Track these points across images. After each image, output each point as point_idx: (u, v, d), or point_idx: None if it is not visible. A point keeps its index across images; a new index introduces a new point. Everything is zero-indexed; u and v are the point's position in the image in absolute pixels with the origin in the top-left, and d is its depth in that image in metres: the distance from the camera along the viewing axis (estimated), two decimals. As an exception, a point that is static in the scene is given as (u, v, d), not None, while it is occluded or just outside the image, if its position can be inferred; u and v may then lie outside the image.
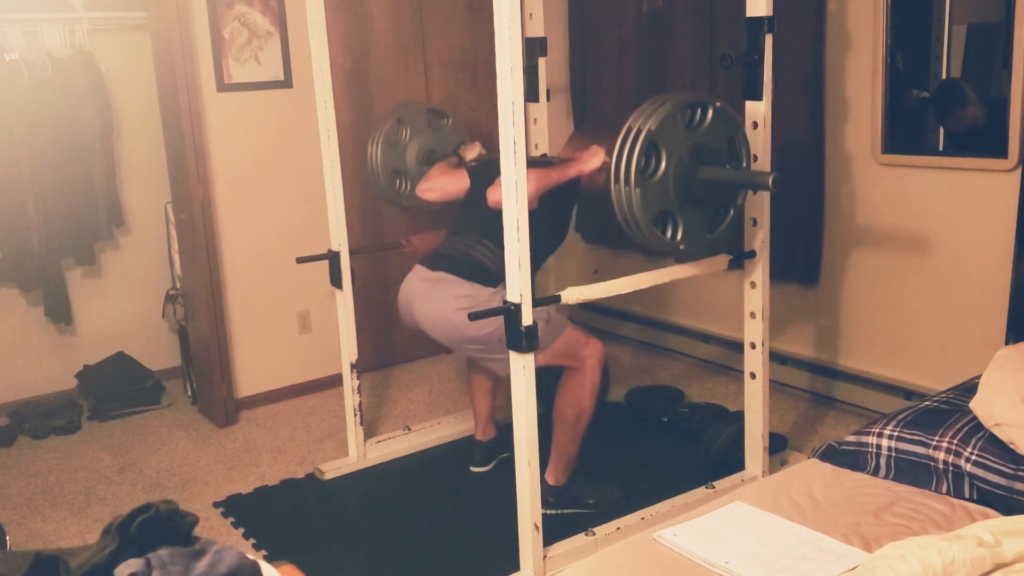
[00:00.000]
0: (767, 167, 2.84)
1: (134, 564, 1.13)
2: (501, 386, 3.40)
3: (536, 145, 3.88)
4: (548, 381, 3.39)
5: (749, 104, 2.81)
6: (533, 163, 2.83)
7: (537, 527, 2.59)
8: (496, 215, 2.44)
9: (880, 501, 2.06)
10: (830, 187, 3.69)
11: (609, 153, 2.60)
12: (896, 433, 2.23)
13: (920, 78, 3.46)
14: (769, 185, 2.52)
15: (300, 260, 3.45)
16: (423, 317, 3.00)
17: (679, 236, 2.59)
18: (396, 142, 3.65)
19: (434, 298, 2.95)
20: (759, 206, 2.88)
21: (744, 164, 2.67)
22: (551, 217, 2.94)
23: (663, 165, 2.50)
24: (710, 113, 2.56)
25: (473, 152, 3.40)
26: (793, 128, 3.64)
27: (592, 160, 2.91)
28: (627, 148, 2.45)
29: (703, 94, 2.58)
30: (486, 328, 2.70)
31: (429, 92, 4.52)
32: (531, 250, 2.43)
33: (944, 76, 3.40)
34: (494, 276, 2.82)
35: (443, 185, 3.20)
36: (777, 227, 3.13)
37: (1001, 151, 3.10)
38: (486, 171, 3.01)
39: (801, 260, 3.79)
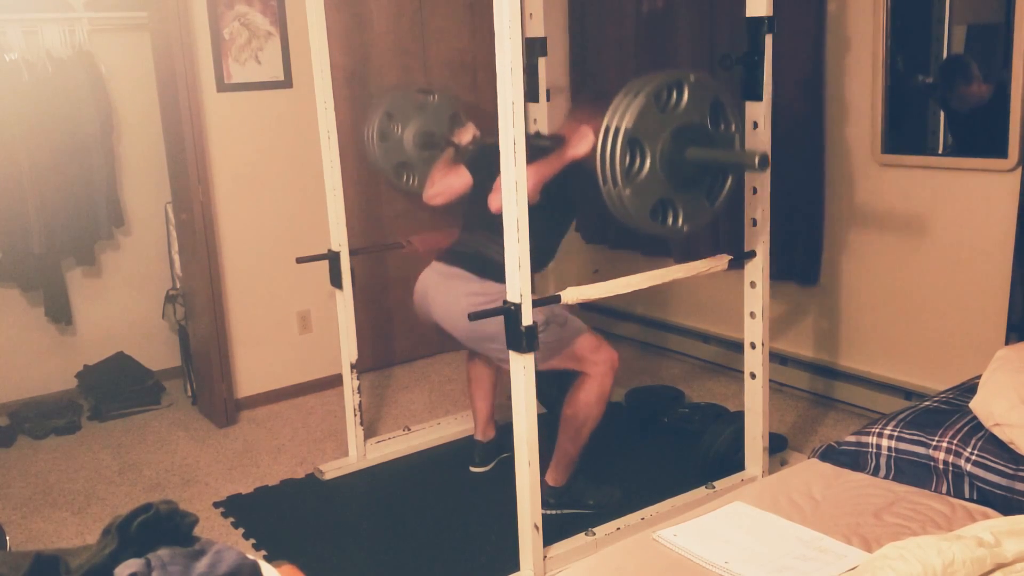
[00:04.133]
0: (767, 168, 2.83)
1: (134, 564, 1.13)
2: (501, 386, 3.40)
3: (535, 120, 3.81)
4: (550, 381, 3.39)
5: (749, 104, 2.81)
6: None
7: (537, 527, 2.59)
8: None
9: (880, 501, 2.06)
10: (830, 187, 3.69)
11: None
12: (896, 433, 2.23)
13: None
14: (756, 166, 2.45)
15: (300, 260, 3.45)
16: (438, 312, 3.01)
17: (680, 221, 2.54)
18: (390, 135, 3.58)
19: (450, 294, 2.96)
20: (759, 206, 2.88)
21: (732, 129, 2.60)
22: (554, 205, 2.90)
23: (648, 160, 2.44)
24: (686, 91, 2.48)
25: (467, 136, 3.35)
26: (793, 128, 3.64)
27: (582, 144, 2.85)
28: (608, 150, 2.39)
29: (675, 73, 2.49)
30: (495, 325, 2.68)
31: (429, 92, 4.52)
32: (543, 237, 2.40)
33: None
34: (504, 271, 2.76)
35: (448, 187, 3.19)
36: (777, 227, 3.13)
37: (1001, 151, 3.10)
38: (485, 160, 2.98)
39: (801, 260, 3.78)
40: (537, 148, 2.94)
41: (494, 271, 2.84)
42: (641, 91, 2.43)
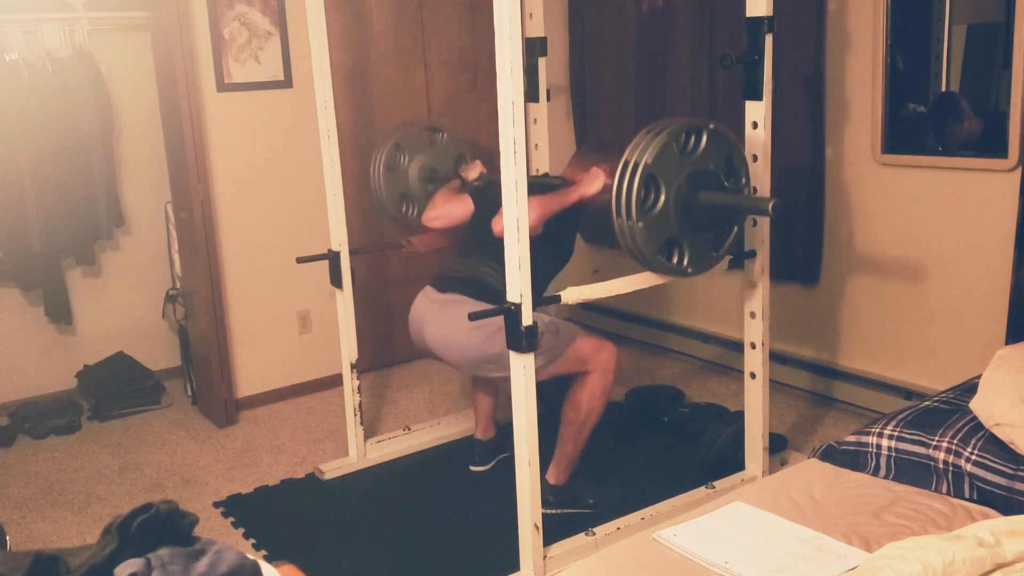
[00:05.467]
0: (767, 167, 2.84)
1: (134, 564, 1.13)
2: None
3: (537, 169, 3.86)
4: (549, 381, 3.39)
5: (749, 104, 2.81)
6: (535, 187, 2.81)
7: (537, 527, 2.59)
8: (502, 238, 2.44)
9: (880, 501, 2.06)
10: (830, 187, 3.69)
11: (611, 174, 2.60)
12: (896, 433, 2.23)
13: (920, 79, 3.46)
14: (768, 211, 2.52)
15: (300, 260, 3.45)
16: (434, 339, 3.01)
17: (685, 261, 2.61)
18: (396, 166, 3.67)
19: (445, 320, 2.96)
20: (759, 206, 2.88)
21: (743, 181, 2.68)
22: (554, 240, 2.95)
23: (662, 196, 2.51)
24: (704, 137, 2.57)
25: (475, 172, 3.42)
26: (793, 128, 3.64)
27: (593, 183, 2.93)
28: (626, 182, 2.46)
29: (697, 120, 2.59)
30: (498, 346, 2.70)
31: (429, 92, 4.52)
32: (535, 272, 2.44)
33: (944, 77, 3.40)
34: (503, 297, 2.80)
35: (448, 212, 3.21)
36: (777, 227, 3.13)
37: (1001, 151, 3.10)
38: (489, 192, 3.02)
39: (801, 260, 3.79)
40: (546, 187, 2.98)
41: (490, 295, 2.84)
42: (663, 131, 2.49)
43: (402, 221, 3.77)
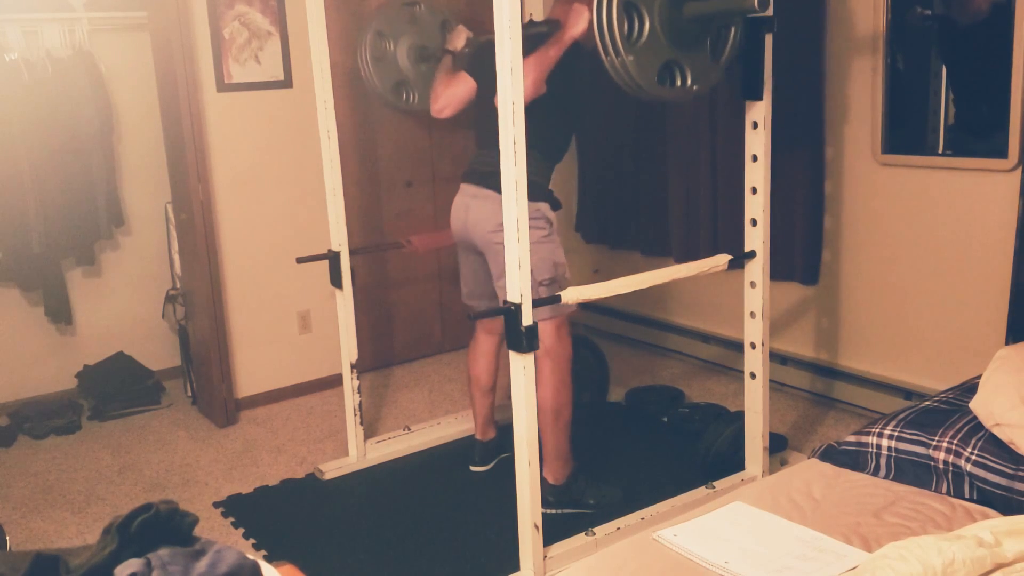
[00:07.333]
0: (767, 167, 2.84)
1: (134, 564, 1.13)
2: (501, 386, 3.40)
3: (531, 14, 3.74)
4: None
5: (749, 104, 2.81)
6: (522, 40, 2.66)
7: (537, 527, 2.59)
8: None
9: (880, 501, 2.06)
10: (830, 187, 3.69)
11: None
12: (896, 433, 2.23)
13: (920, 78, 3.46)
14: (756, 6, 2.41)
15: (300, 260, 3.45)
16: (475, 231, 3.00)
17: (689, 82, 2.50)
18: (384, 54, 3.57)
19: (480, 214, 2.96)
20: (759, 206, 2.88)
21: None
22: (561, 96, 2.84)
23: (647, 23, 2.39)
24: None
25: (460, 39, 3.30)
26: (793, 128, 3.64)
27: (579, 22, 2.80)
28: (604, 18, 2.33)
29: None
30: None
31: (429, 92, 4.51)
32: (555, 128, 2.33)
33: (944, 76, 3.40)
34: (530, 189, 2.57)
35: (453, 97, 3.15)
36: (777, 227, 3.14)
37: (1001, 151, 3.10)
38: (484, 62, 2.89)
39: (801, 260, 3.79)
40: (534, 37, 2.84)
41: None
42: None
43: (405, 109, 3.69)
